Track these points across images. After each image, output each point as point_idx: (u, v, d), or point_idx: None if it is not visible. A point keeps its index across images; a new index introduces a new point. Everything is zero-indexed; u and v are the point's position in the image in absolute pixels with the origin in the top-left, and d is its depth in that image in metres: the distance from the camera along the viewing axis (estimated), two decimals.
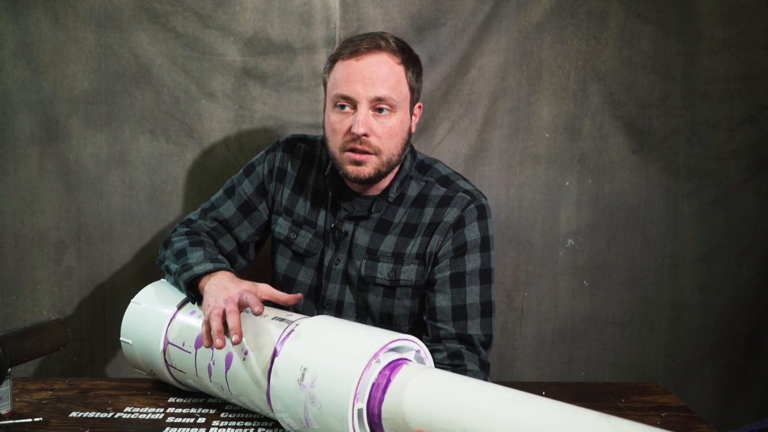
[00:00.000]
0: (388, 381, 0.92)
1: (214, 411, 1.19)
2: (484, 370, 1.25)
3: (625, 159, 1.72)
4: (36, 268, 1.67)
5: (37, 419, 1.13)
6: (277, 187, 1.40)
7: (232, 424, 1.14)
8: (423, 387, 0.89)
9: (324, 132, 1.30)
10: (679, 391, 1.68)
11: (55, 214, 1.67)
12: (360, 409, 0.92)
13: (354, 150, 1.23)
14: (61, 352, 1.31)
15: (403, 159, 1.31)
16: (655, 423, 1.12)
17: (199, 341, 1.15)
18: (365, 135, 1.22)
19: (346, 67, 1.23)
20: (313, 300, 1.37)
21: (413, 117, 1.32)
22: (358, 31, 1.60)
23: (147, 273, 1.63)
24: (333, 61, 1.28)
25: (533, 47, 1.67)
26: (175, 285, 1.27)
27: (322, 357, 0.97)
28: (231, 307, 1.07)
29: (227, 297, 1.09)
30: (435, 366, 1.08)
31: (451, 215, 1.28)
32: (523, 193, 1.72)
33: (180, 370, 1.20)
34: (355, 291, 1.33)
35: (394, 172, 1.32)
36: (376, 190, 1.32)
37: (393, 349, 0.97)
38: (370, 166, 1.24)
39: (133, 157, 1.67)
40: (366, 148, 1.23)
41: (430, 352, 1.05)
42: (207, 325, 1.08)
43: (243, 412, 1.19)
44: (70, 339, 1.16)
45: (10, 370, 1.06)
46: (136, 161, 1.67)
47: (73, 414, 1.17)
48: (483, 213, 1.29)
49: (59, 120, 1.64)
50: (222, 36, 1.64)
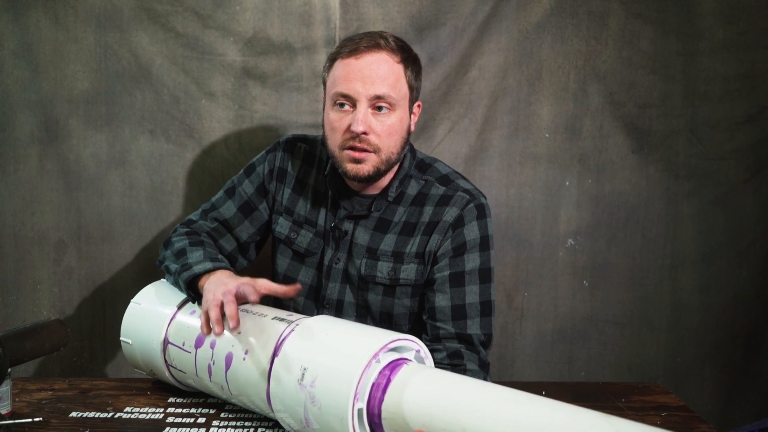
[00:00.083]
0: (388, 381, 0.92)
1: (214, 411, 1.19)
2: (483, 370, 1.25)
3: (625, 159, 1.72)
4: (36, 268, 1.67)
5: (37, 419, 1.13)
6: (278, 187, 1.40)
7: (232, 424, 1.14)
8: (423, 387, 0.89)
9: (323, 130, 1.30)
10: (679, 391, 1.68)
11: (55, 214, 1.67)
12: (360, 409, 0.92)
13: (353, 148, 1.23)
14: (61, 352, 1.31)
15: (402, 158, 1.31)
16: (655, 423, 1.12)
17: (199, 341, 1.15)
18: (364, 133, 1.22)
19: (346, 66, 1.24)
20: (313, 299, 1.37)
21: (412, 116, 1.31)
22: (358, 31, 1.60)
23: (147, 273, 1.63)
24: (332, 60, 1.28)
25: (533, 47, 1.67)
26: (175, 285, 1.27)
27: (322, 357, 0.97)
28: (229, 298, 1.08)
29: (225, 290, 1.10)
30: (435, 366, 1.08)
31: (450, 214, 1.27)
32: (523, 193, 1.72)
33: (180, 370, 1.20)
34: (355, 290, 1.33)
35: (394, 171, 1.32)
36: (375, 189, 1.32)
37: (393, 349, 0.97)
38: (369, 164, 1.24)
39: (133, 157, 1.67)
40: (365, 146, 1.23)
41: (430, 351, 1.05)
42: (206, 315, 1.09)
43: (243, 412, 1.19)
44: (70, 339, 1.16)
45: (10, 370, 1.06)
46: (136, 161, 1.67)
47: (73, 414, 1.17)
48: (482, 212, 1.29)
49: (59, 120, 1.64)
50: (222, 36, 1.64)
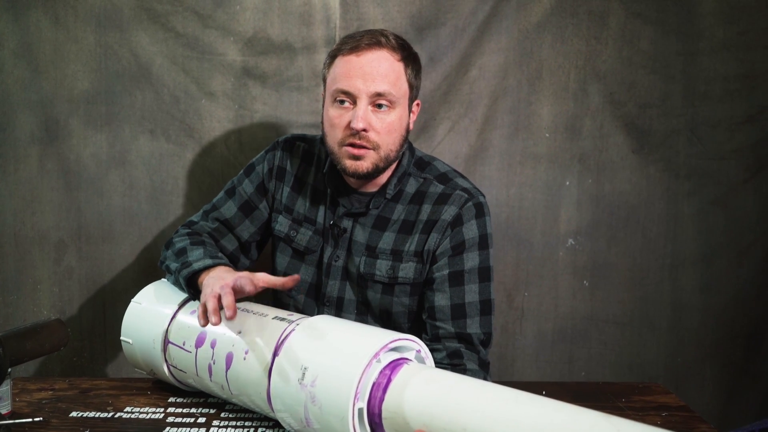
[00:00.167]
0: (389, 380, 0.92)
1: (215, 411, 1.19)
2: (483, 369, 1.25)
3: (625, 159, 1.72)
4: (36, 268, 1.67)
5: (37, 419, 1.13)
6: (277, 186, 1.40)
7: (233, 424, 1.14)
8: (424, 387, 0.89)
9: (322, 127, 1.30)
10: (680, 390, 1.68)
11: (55, 213, 1.67)
12: (360, 409, 0.91)
13: (353, 145, 1.23)
14: (62, 352, 1.31)
15: (400, 155, 1.31)
16: (655, 423, 1.12)
17: (199, 340, 1.15)
18: (364, 130, 1.22)
19: (346, 63, 1.23)
20: (313, 297, 1.37)
21: (411, 114, 1.31)
22: (359, 30, 1.60)
23: (147, 273, 1.63)
24: (333, 57, 1.28)
25: (533, 47, 1.67)
26: (176, 283, 1.27)
27: (323, 356, 0.96)
28: (226, 290, 1.07)
29: (223, 284, 1.10)
30: (435, 366, 1.08)
31: (449, 213, 1.27)
32: (524, 193, 1.72)
33: (180, 370, 1.20)
34: (355, 287, 1.33)
35: (392, 169, 1.32)
36: (374, 187, 1.32)
37: (393, 349, 0.97)
38: (368, 161, 1.24)
39: (133, 156, 1.67)
40: (364, 143, 1.23)
41: (429, 351, 1.05)
42: (203, 306, 1.08)
43: (243, 412, 1.18)
44: (71, 339, 1.15)
45: (10, 369, 1.06)
46: (137, 161, 1.67)
47: (74, 414, 1.17)
48: (481, 211, 1.29)
49: (59, 120, 1.64)
50: (222, 36, 1.64)
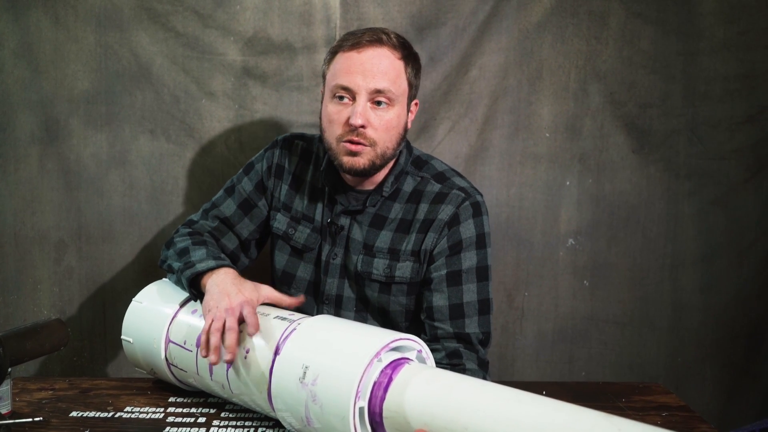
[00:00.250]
0: (390, 380, 0.92)
1: (215, 411, 1.19)
2: (482, 369, 1.25)
3: (625, 159, 1.72)
4: (36, 268, 1.67)
5: (37, 419, 1.13)
6: (276, 184, 1.40)
7: (233, 423, 1.14)
8: (425, 386, 0.89)
9: (320, 123, 1.30)
10: (680, 390, 1.68)
11: (55, 213, 1.67)
12: (361, 408, 0.91)
13: (350, 141, 1.23)
14: (62, 352, 1.31)
15: (397, 154, 1.31)
16: (655, 423, 1.12)
17: (200, 339, 1.15)
18: (363, 126, 1.22)
19: (347, 59, 1.24)
20: (312, 295, 1.37)
21: (410, 113, 1.31)
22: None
23: (147, 273, 1.63)
24: (333, 53, 1.28)
25: (534, 47, 1.67)
26: (178, 283, 1.27)
27: (324, 356, 0.96)
28: (230, 323, 1.08)
29: (228, 307, 1.10)
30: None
31: (445, 212, 1.27)
32: (524, 193, 1.72)
33: (181, 369, 1.20)
34: (353, 285, 1.33)
35: (389, 167, 1.32)
36: (371, 185, 1.32)
37: (395, 349, 0.97)
38: (365, 157, 1.24)
39: (133, 156, 1.67)
40: (362, 140, 1.23)
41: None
42: (206, 335, 1.09)
43: (244, 412, 1.18)
44: (71, 339, 1.16)
45: (10, 369, 1.06)
46: (137, 161, 1.67)
47: (74, 414, 1.17)
48: (478, 210, 1.29)
49: (59, 120, 1.64)
50: (222, 35, 1.64)
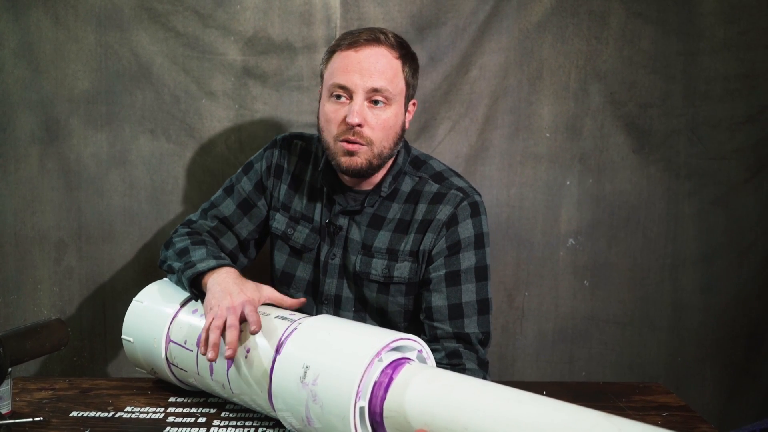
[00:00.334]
0: (390, 380, 0.91)
1: (215, 410, 1.19)
2: (482, 369, 1.25)
3: (625, 159, 1.72)
4: (37, 268, 1.67)
5: (37, 419, 1.13)
6: (275, 184, 1.40)
7: (233, 423, 1.14)
8: (425, 386, 0.89)
9: (318, 123, 1.30)
10: (680, 390, 1.68)
11: (55, 213, 1.67)
12: (362, 408, 0.91)
13: (347, 141, 1.23)
14: (62, 352, 1.31)
15: (395, 154, 1.31)
16: (656, 423, 1.12)
17: (200, 337, 1.15)
18: (359, 125, 1.22)
19: (345, 58, 1.23)
20: (311, 295, 1.37)
21: (407, 113, 1.31)
22: None
23: (147, 272, 1.63)
24: (331, 52, 1.28)
25: (534, 47, 1.67)
26: (178, 283, 1.27)
27: (324, 355, 0.96)
28: (231, 321, 1.08)
29: (230, 305, 1.10)
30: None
31: (444, 213, 1.27)
32: (524, 193, 1.72)
33: (181, 369, 1.20)
34: (352, 285, 1.33)
35: (387, 167, 1.32)
36: (368, 185, 1.32)
37: (395, 349, 0.97)
38: (362, 157, 1.24)
39: (133, 156, 1.67)
40: (359, 140, 1.23)
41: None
42: (206, 332, 1.09)
43: (244, 412, 1.18)
44: (71, 338, 1.15)
45: (10, 369, 1.06)
46: (137, 161, 1.67)
47: (74, 413, 1.17)
48: (476, 210, 1.29)
49: (60, 119, 1.64)
50: (222, 35, 1.64)
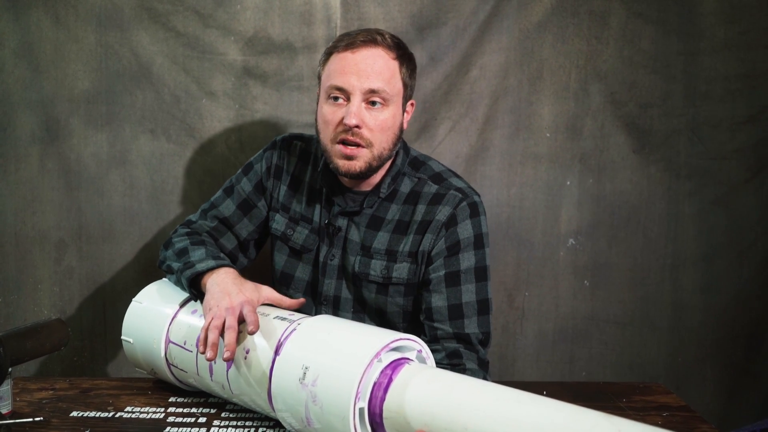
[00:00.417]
0: (390, 380, 0.91)
1: (215, 411, 1.19)
2: (483, 369, 1.25)
3: (626, 159, 1.71)
4: (37, 268, 1.67)
5: (37, 419, 1.13)
6: (275, 184, 1.40)
7: (233, 423, 1.14)
8: (425, 386, 0.89)
9: (316, 125, 1.30)
10: (681, 390, 1.68)
11: (55, 213, 1.67)
12: (361, 409, 0.91)
13: (345, 142, 1.23)
14: (62, 352, 1.31)
15: (394, 154, 1.31)
16: (656, 423, 1.12)
17: (199, 337, 1.15)
18: (357, 127, 1.21)
19: (342, 59, 1.23)
20: (310, 296, 1.37)
21: (405, 114, 1.31)
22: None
23: (148, 272, 1.63)
24: (329, 54, 1.28)
25: (534, 46, 1.67)
26: (177, 284, 1.27)
27: (324, 356, 0.96)
28: (230, 322, 1.07)
29: (229, 306, 1.10)
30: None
31: (443, 213, 1.27)
32: (524, 193, 1.71)
33: (181, 369, 1.20)
34: (351, 286, 1.33)
35: (386, 168, 1.32)
36: (367, 186, 1.32)
37: (395, 349, 0.97)
38: (361, 160, 1.24)
39: (133, 156, 1.67)
40: (357, 140, 1.22)
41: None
42: (205, 332, 1.09)
43: (244, 412, 1.18)
44: (71, 338, 1.16)
45: (10, 369, 1.06)
46: (137, 161, 1.67)
47: (74, 413, 1.17)
48: (475, 210, 1.29)
49: (60, 119, 1.64)
50: (223, 35, 1.64)
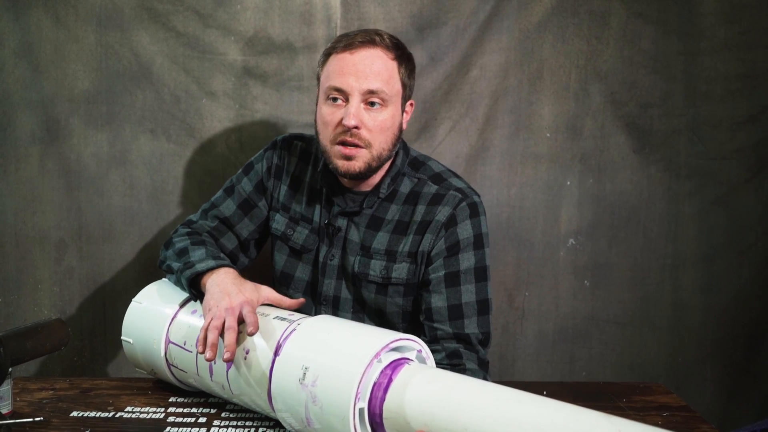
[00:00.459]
0: (390, 380, 0.91)
1: (215, 411, 1.19)
2: (483, 369, 1.25)
3: (626, 159, 1.71)
4: (37, 268, 1.67)
5: (38, 419, 1.13)
6: (275, 184, 1.40)
7: (233, 423, 1.14)
8: (425, 386, 0.89)
9: (315, 126, 1.30)
10: (681, 390, 1.68)
11: (56, 213, 1.67)
12: (361, 409, 0.91)
13: (344, 143, 1.23)
14: (62, 352, 1.31)
15: (393, 155, 1.31)
16: (656, 423, 1.12)
17: (198, 337, 1.15)
18: (356, 127, 1.21)
19: (340, 60, 1.24)
20: (310, 296, 1.37)
21: (404, 114, 1.31)
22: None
23: (148, 272, 1.63)
24: (327, 55, 1.28)
25: (534, 46, 1.67)
26: (177, 283, 1.27)
27: (324, 356, 0.96)
28: (230, 322, 1.07)
29: (228, 306, 1.10)
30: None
31: (442, 214, 1.27)
32: (525, 193, 1.71)
33: (181, 370, 1.20)
34: (350, 286, 1.33)
35: (385, 168, 1.32)
36: (367, 186, 1.32)
37: (394, 349, 0.97)
38: (360, 160, 1.24)
39: (133, 156, 1.67)
40: (357, 141, 1.22)
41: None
42: (204, 332, 1.09)
43: (244, 412, 1.18)
44: (71, 338, 1.16)
45: (11, 369, 1.06)
46: (137, 161, 1.67)
47: (74, 413, 1.17)
48: (475, 210, 1.29)
49: (60, 119, 1.64)
50: (223, 35, 1.64)
